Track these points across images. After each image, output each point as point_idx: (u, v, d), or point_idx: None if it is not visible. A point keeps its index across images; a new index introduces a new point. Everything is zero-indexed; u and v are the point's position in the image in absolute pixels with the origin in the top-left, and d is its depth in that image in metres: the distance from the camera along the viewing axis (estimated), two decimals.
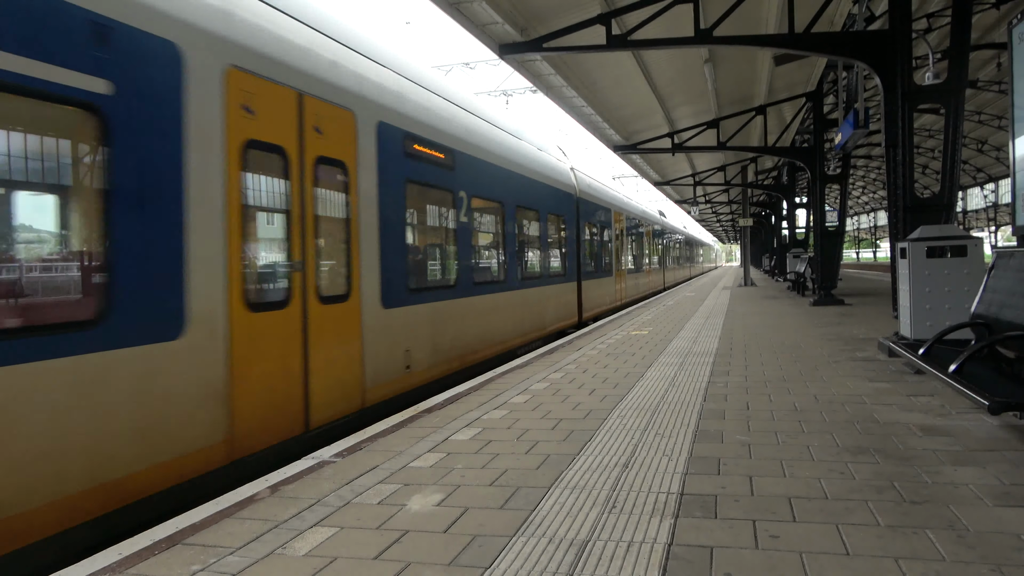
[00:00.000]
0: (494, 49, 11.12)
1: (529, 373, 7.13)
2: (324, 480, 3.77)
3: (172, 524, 3.16)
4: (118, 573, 2.69)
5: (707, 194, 39.28)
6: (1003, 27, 16.49)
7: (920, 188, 34.55)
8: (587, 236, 14.69)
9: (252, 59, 4.51)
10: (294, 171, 4.88)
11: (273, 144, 4.67)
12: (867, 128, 12.29)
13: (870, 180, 49.76)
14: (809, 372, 6.63)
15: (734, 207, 42.36)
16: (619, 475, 3.67)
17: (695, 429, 4.58)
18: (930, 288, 6.73)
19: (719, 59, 15.16)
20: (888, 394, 5.47)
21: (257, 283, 4.61)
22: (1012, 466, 3.55)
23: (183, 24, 3.99)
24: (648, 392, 5.91)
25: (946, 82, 8.90)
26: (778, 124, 22.27)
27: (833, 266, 17.28)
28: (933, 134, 31.28)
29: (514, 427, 4.81)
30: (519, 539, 2.86)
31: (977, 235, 18.11)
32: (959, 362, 3.98)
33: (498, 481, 3.63)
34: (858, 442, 4.12)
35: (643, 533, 2.88)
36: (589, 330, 11.55)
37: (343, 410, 5.37)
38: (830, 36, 10.85)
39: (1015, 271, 4.60)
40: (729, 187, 32.01)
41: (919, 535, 2.74)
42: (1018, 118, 4.98)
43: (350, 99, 5.62)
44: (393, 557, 2.73)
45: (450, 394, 6.15)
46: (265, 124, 4.59)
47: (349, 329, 5.51)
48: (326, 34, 5.63)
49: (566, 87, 15.21)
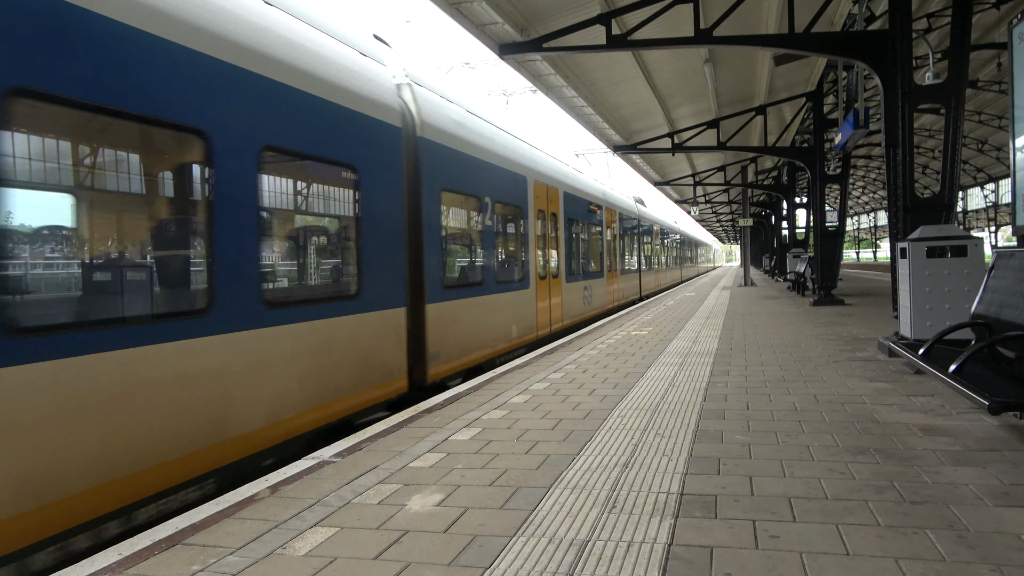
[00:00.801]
0: (494, 49, 11.12)
1: (529, 373, 7.13)
2: (324, 480, 3.77)
3: (172, 524, 3.16)
4: (118, 573, 2.69)
5: (707, 194, 39.30)
6: (1003, 27, 16.48)
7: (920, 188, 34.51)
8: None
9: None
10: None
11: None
12: (867, 128, 12.28)
13: (870, 180, 49.75)
14: (809, 372, 6.63)
15: (734, 207, 42.37)
16: (619, 475, 3.66)
17: (695, 429, 4.58)
18: (930, 288, 6.73)
19: (719, 59, 15.16)
20: (888, 394, 5.47)
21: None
22: (1012, 466, 3.55)
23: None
24: (648, 392, 5.91)
25: (946, 82, 8.89)
26: (778, 124, 22.28)
27: (833, 266, 17.27)
28: (933, 134, 31.26)
29: (514, 427, 4.81)
30: (519, 539, 2.86)
31: (977, 235, 18.14)
32: (959, 362, 3.98)
33: (498, 481, 3.63)
34: (858, 442, 4.12)
35: (643, 533, 2.88)
36: (589, 330, 11.54)
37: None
38: (830, 36, 10.85)
39: (1015, 271, 4.60)
40: (729, 187, 32.03)
41: (919, 535, 2.74)
42: (1018, 118, 4.98)
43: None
44: (393, 557, 2.73)
45: (450, 394, 6.15)
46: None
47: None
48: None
49: (566, 87, 15.21)
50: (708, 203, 42.64)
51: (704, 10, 10.33)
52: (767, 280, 32.42)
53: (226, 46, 4.41)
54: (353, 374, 5.67)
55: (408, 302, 6.62)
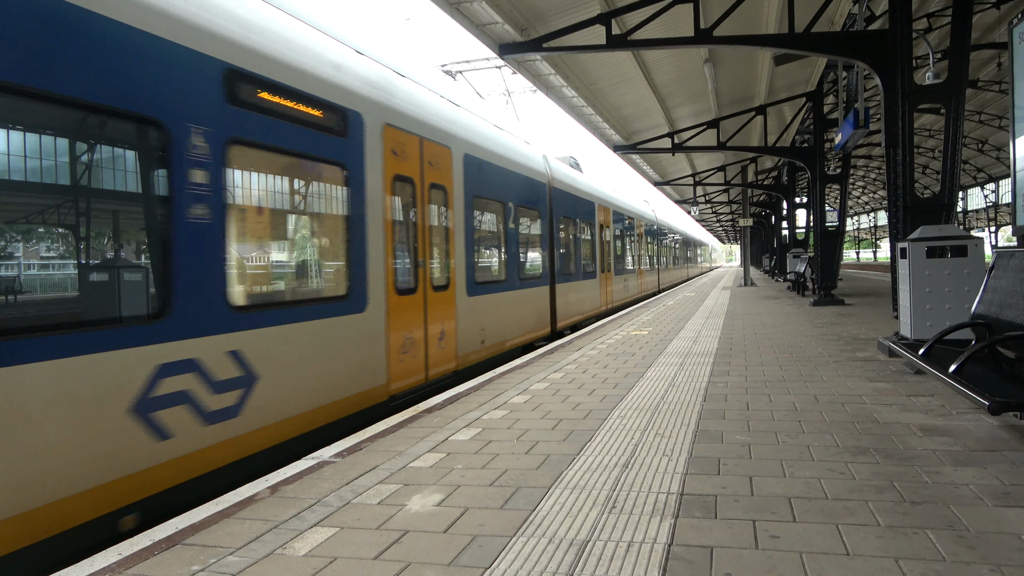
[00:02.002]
0: (494, 49, 11.12)
1: (529, 373, 7.13)
2: (324, 480, 3.77)
3: (172, 524, 3.16)
4: (118, 573, 2.69)
5: (707, 194, 39.30)
6: (1003, 27, 16.49)
7: (920, 188, 34.58)
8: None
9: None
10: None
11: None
12: (867, 128, 12.29)
13: (870, 180, 49.77)
14: (809, 372, 6.63)
15: (734, 207, 42.37)
16: (619, 475, 3.66)
17: (695, 429, 4.58)
18: (930, 288, 6.73)
19: (719, 59, 15.16)
20: (888, 394, 5.47)
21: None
22: (1012, 466, 3.55)
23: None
24: (648, 392, 5.91)
25: (946, 82, 8.89)
26: (778, 124, 22.28)
27: (833, 266, 17.27)
28: (933, 134, 31.28)
29: (514, 427, 4.81)
30: (519, 539, 2.86)
31: (977, 235, 18.12)
32: (959, 362, 3.98)
33: (498, 481, 3.63)
34: (858, 442, 4.12)
35: (643, 533, 2.87)
36: (589, 330, 11.53)
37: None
38: (830, 36, 10.84)
39: (1015, 271, 4.60)
40: (729, 187, 32.02)
41: (919, 535, 2.74)
42: (1018, 118, 4.98)
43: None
44: (393, 557, 2.73)
45: (450, 394, 6.15)
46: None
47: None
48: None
49: (566, 87, 15.21)
50: (708, 203, 42.64)
51: (704, 10, 10.34)
52: (767, 280, 32.42)
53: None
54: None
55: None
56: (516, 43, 11.07)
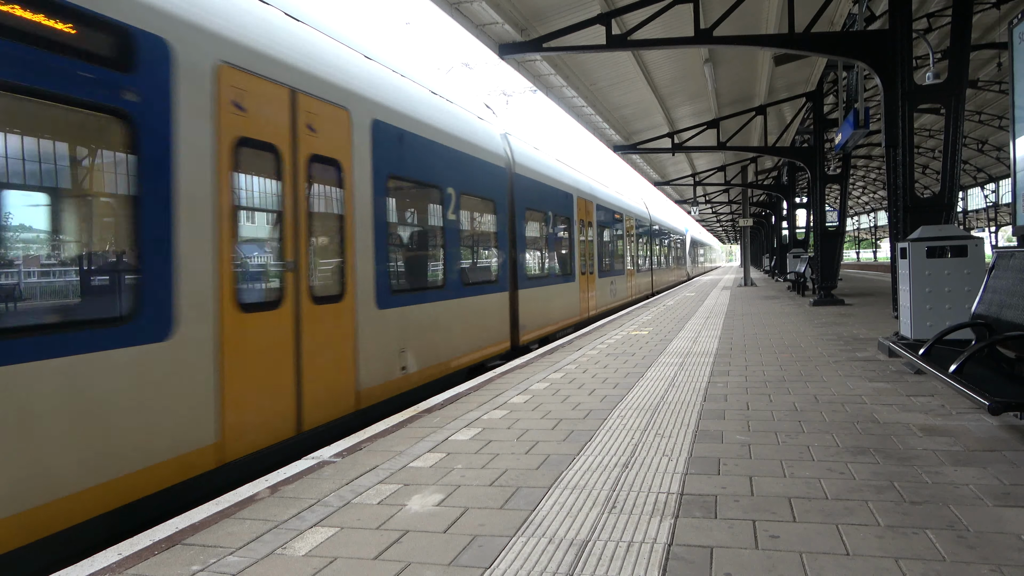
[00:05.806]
0: (494, 49, 11.12)
1: (529, 373, 7.13)
2: (324, 480, 3.77)
3: (172, 524, 3.16)
4: (118, 573, 2.69)
5: (707, 194, 39.29)
6: (1003, 27, 16.49)
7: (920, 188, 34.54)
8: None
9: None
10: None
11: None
12: (867, 128, 12.29)
13: (870, 180, 49.76)
14: (809, 372, 6.63)
15: (734, 207, 42.37)
16: (619, 475, 3.66)
17: (695, 429, 4.58)
18: (930, 288, 6.73)
19: (719, 59, 15.16)
20: (888, 394, 5.47)
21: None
22: (1012, 466, 3.55)
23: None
24: (648, 392, 5.91)
25: (946, 82, 8.90)
26: (778, 124, 22.28)
27: (833, 266, 17.27)
28: (933, 134, 31.27)
29: (514, 427, 4.81)
30: (519, 539, 2.86)
31: (977, 235, 18.12)
32: (959, 362, 3.98)
33: (498, 481, 3.63)
34: (858, 442, 4.12)
35: (643, 533, 2.87)
36: (589, 330, 11.53)
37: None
38: (830, 36, 10.85)
39: (1015, 271, 4.60)
40: (729, 187, 32.03)
41: (919, 535, 2.74)
42: (1018, 118, 4.98)
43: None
44: (393, 557, 2.73)
45: (450, 394, 6.15)
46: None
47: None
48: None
49: (566, 87, 15.21)
50: (708, 203, 42.64)
51: (704, 10, 10.33)
52: (767, 280, 32.42)
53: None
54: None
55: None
56: (516, 43, 11.07)
